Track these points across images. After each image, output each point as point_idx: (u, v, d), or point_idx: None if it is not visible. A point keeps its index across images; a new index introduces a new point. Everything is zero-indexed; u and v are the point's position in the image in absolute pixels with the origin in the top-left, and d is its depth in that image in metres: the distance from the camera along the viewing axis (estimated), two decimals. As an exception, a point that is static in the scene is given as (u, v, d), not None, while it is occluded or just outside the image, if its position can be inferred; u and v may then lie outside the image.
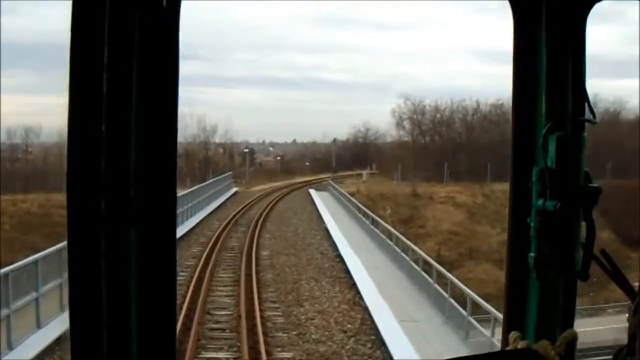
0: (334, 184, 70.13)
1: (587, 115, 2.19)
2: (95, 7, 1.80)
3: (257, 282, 26.11)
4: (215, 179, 61.10)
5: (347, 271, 28.90)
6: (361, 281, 26.61)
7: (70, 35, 1.80)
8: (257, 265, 29.67)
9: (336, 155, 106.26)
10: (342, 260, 31.23)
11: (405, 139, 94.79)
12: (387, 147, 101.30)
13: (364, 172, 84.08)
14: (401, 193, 75.61)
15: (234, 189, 66.85)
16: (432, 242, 66.11)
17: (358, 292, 25.23)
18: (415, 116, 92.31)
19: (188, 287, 24.15)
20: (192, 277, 25.94)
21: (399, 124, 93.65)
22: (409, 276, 27.86)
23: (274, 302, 23.84)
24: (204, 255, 30.68)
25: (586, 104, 2.18)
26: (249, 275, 27.17)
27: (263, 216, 45.77)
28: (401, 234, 37.22)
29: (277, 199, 59.57)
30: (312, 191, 67.71)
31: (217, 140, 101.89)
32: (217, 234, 37.22)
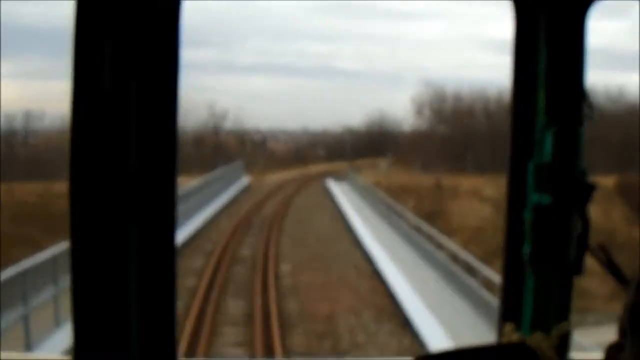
0: (352, 175, 62.42)
1: (586, 110, 2.09)
2: (98, 6, 1.76)
3: (279, 318, 18.49)
4: (225, 168, 53.40)
5: (394, 298, 21.27)
6: (418, 316, 18.95)
7: (73, 33, 1.75)
8: (276, 287, 22.06)
9: (351, 144, 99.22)
10: (383, 281, 23.62)
11: (425, 127, 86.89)
12: (405, 135, 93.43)
13: (383, 162, 76.18)
14: (424, 185, 67.73)
15: (246, 180, 59.11)
16: (458, 239, 58.66)
17: (416, 335, 17.60)
18: (436, 104, 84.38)
19: (183, 328, 16.50)
20: (189, 310, 18.28)
21: (419, 112, 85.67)
22: (477, 306, 19.98)
23: (305, 356, 16.19)
24: (208, 273, 23.11)
25: (584, 100, 2.09)
26: (266, 306, 19.54)
27: (279, 214, 38.16)
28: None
29: (293, 191, 51.84)
30: (329, 182, 59.96)
31: (228, 126, 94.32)
32: (226, 239, 29.71)
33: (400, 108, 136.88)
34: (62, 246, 16.02)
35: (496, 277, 19.31)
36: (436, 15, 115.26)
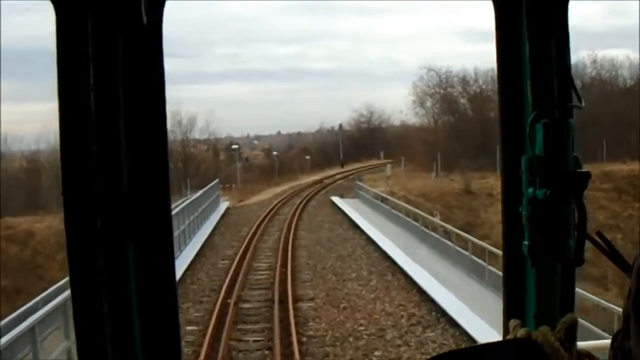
0: (363, 186, 45.70)
1: (574, 100, 2.00)
2: (78, 29, 1.74)
3: None
4: (196, 194, 36.22)
5: None
6: None
7: (56, 58, 1.74)
8: None
9: (335, 145, 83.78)
10: None
11: (428, 119, 70.23)
12: (405, 131, 76.97)
13: (388, 165, 59.30)
14: (449, 190, 51.08)
15: (223, 205, 41.60)
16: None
17: None
18: (441, 90, 67.73)
19: None
20: None
21: (421, 102, 68.79)
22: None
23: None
24: None
25: (572, 90, 1.99)
26: None
27: (288, 275, 21.08)
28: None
29: (291, 219, 34.52)
30: (337, 200, 42.89)
31: (197, 135, 77.68)
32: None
33: (383, 103, 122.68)
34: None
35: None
36: (402, 9, 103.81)
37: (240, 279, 20.75)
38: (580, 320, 1.96)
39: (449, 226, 25.36)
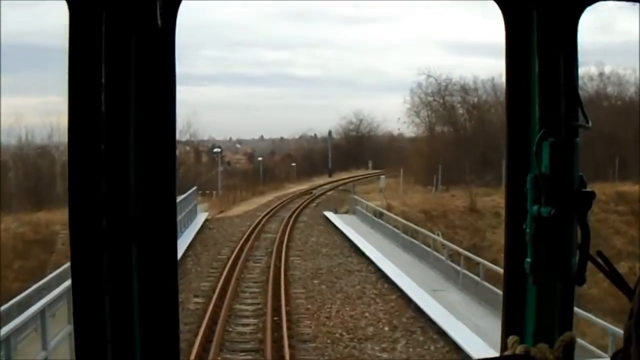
0: (360, 199, 39.91)
1: (581, 120, 1.96)
2: (92, 29, 1.70)
3: None
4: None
5: None
6: None
7: (68, 56, 1.69)
8: None
9: (321, 153, 78.63)
10: None
11: (422, 128, 64.56)
12: (394, 141, 71.52)
13: (382, 176, 53.51)
14: (452, 207, 45.36)
15: (202, 217, 35.51)
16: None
17: None
18: (440, 99, 62.09)
19: None
20: None
21: (417, 110, 63.08)
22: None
23: None
24: None
25: (579, 109, 1.95)
26: None
27: (283, 328, 15.26)
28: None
29: (281, 239, 28.56)
30: (331, 216, 36.99)
31: (178, 137, 71.44)
32: None
33: (372, 111, 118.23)
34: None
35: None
36: (389, 19, 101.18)
37: (217, 335, 14.83)
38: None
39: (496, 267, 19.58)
